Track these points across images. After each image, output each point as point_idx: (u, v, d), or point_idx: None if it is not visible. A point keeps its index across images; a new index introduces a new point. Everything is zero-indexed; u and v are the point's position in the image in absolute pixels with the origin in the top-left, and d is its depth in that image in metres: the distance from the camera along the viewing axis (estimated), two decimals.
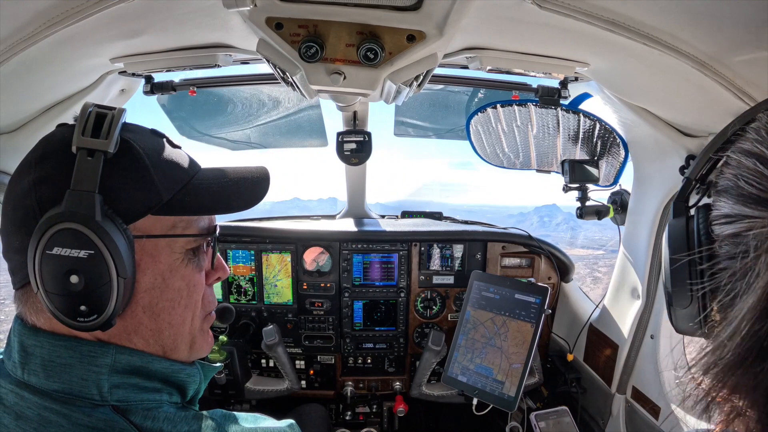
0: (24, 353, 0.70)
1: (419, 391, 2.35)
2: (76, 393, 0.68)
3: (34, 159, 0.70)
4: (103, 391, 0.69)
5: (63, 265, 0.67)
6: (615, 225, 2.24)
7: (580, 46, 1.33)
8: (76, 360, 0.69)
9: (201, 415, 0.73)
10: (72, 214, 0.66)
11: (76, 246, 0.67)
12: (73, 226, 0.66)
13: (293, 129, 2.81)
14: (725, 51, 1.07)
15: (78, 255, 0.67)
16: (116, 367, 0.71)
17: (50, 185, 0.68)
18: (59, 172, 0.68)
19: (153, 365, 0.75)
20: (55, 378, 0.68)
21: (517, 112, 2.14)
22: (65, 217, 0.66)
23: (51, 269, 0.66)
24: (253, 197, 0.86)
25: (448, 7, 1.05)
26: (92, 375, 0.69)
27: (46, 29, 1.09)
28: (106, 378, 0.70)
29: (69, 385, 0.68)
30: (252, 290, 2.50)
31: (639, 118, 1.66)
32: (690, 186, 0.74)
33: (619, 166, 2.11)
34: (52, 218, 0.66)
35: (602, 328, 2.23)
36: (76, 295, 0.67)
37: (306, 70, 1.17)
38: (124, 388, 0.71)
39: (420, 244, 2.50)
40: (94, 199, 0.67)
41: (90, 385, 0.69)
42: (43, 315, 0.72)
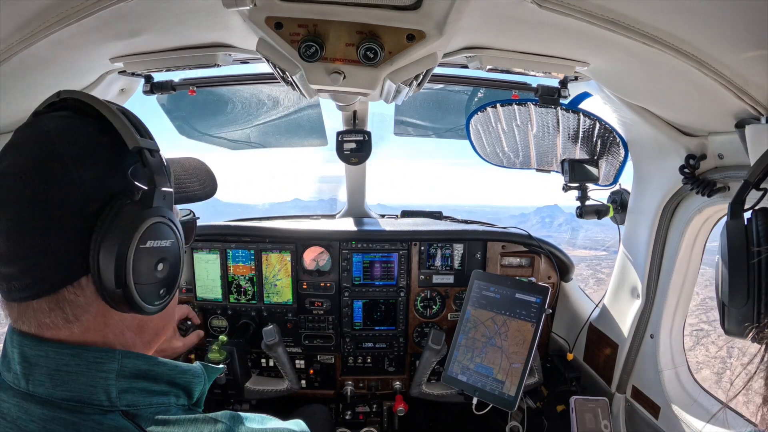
0: (27, 364, 0.68)
1: (419, 390, 2.35)
2: (85, 400, 0.68)
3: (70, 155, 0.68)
4: (111, 397, 0.69)
5: (155, 256, 0.73)
6: (615, 225, 2.24)
7: (579, 46, 1.33)
8: (83, 367, 0.69)
9: (209, 419, 0.74)
10: (161, 209, 0.73)
11: (165, 237, 0.75)
12: (162, 220, 0.73)
13: (293, 128, 2.81)
14: (725, 50, 1.07)
15: (166, 245, 0.75)
16: (123, 372, 0.71)
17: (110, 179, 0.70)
18: (114, 165, 0.72)
19: (158, 368, 0.75)
20: (62, 387, 0.67)
21: (517, 111, 2.14)
22: (156, 213, 0.72)
23: (145, 262, 0.71)
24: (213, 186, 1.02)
25: (448, 6, 1.05)
26: (100, 381, 0.69)
27: (46, 29, 1.09)
28: (114, 383, 0.69)
29: (77, 392, 0.68)
30: (252, 290, 2.50)
31: (639, 118, 1.66)
32: (747, 189, 0.76)
33: (618, 165, 2.11)
34: (140, 213, 0.70)
35: (602, 327, 2.23)
36: (160, 281, 0.75)
37: (306, 69, 1.17)
38: (132, 392, 0.71)
39: (420, 243, 2.50)
40: (171, 196, 0.76)
41: (98, 392, 0.68)
42: (58, 324, 0.70)
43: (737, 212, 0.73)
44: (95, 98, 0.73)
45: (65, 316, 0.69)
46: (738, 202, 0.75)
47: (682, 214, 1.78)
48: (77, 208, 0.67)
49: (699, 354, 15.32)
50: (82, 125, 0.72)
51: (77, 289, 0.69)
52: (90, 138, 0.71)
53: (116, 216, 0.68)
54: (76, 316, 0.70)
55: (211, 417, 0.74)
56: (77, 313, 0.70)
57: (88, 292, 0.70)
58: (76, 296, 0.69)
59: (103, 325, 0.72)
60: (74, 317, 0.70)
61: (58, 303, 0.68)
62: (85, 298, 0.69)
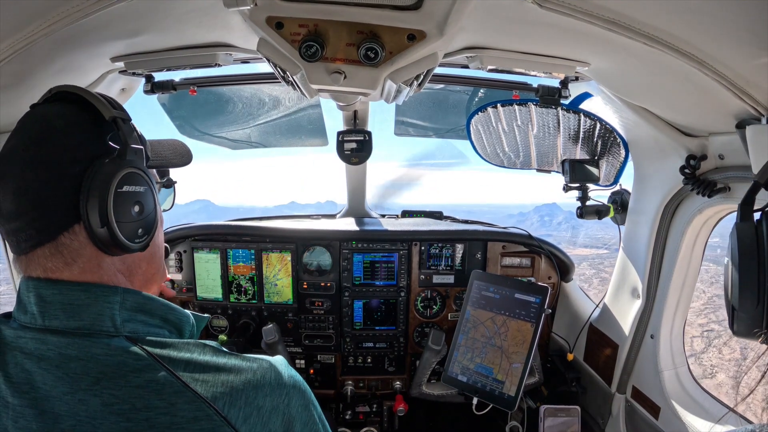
0: (42, 303, 0.80)
1: (419, 390, 2.35)
2: (94, 328, 0.80)
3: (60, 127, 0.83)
4: (117, 324, 0.81)
5: (131, 198, 0.87)
6: (615, 223, 2.24)
7: (580, 46, 1.33)
8: (92, 300, 0.81)
9: (200, 343, 0.86)
10: (132, 162, 0.87)
11: (138, 183, 0.88)
12: (134, 171, 0.87)
13: (293, 128, 2.81)
14: (726, 51, 1.06)
15: (139, 190, 0.89)
16: (125, 305, 0.83)
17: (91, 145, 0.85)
18: (95, 135, 0.87)
19: (152, 303, 0.88)
20: (75, 317, 0.79)
21: (518, 111, 2.14)
22: (129, 164, 0.86)
23: (122, 203, 0.84)
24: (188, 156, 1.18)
25: (449, 6, 1.05)
26: (107, 310, 0.81)
27: (46, 29, 1.09)
28: (118, 313, 0.82)
29: (88, 321, 0.80)
30: (252, 289, 2.50)
31: (639, 118, 1.66)
32: (757, 190, 0.75)
33: (619, 165, 2.11)
34: (117, 166, 0.84)
35: (602, 327, 2.23)
36: (137, 222, 0.88)
37: (306, 69, 1.17)
38: (133, 322, 0.84)
39: (420, 243, 2.50)
40: (142, 153, 0.92)
41: (105, 319, 0.80)
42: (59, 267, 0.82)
43: (747, 214, 0.72)
44: (78, 87, 0.89)
45: (64, 259, 0.82)
46: (747, 204, 0.74)
47: (683, 214, 1.78)
48: (67, 167, 0.81)
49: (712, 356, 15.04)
50: (69, 107, 0.87)
51: (72, 235, 0.82)
52: (76, 115, 0.86)
53: (98, 171, 0.82)
54: (73, 259, 0.82)
55: (201, 342, 0.86)
56: (74, 255, 0.82)
57: (81, 237, 0.82)
58: (71, 241, 0.82)
59: (97, 267, 0.85)
60: (72, 259, 0.82)
61: (57, 248, 0.81)
62: (78, 242, 0.82)
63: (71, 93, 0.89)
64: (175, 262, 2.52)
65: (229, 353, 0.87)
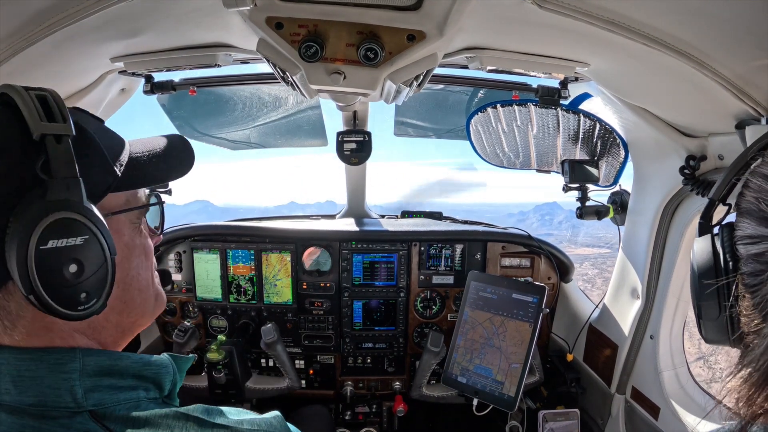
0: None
1: (419, 392, 2.35)
2: (51, 404, 0.65)
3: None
4: (77, 398, 0.66)
5: (60, 256, 0.64)
6: (615, 224, 2.24)
7: (580, 46, 1.33)
8: (45, 370, 0.66)
9: (181, 414, 0.70)
10: (61, 203, 0.63)
11: (71, 234, 0.65)
12: (66, 215, 0.64)
13: (293, 129, 2.81)
14: (725, 51, 1.07)
15: (75, 243, 0.65)
16: (86, 371, 0.68)
17: (13, 179, 0.64)
18: (19, 163, 0.64)
19: (122, 362, 0.72)
20: (27, 392, 0.65)
21: (517, 112, 2.14)
22: (55, 207, 0.63)
23: (48, 264, 0.63)
24: (186, 165, 0.91)
25: (448, 7, 1.05)
26: (64, 383, 0.66)
27: (46, 29, 1.09)
28: (78, 383, 0.67)
29: (43, 396, 0.65)
30: (252, 290, 2.50)
31: (639, 119, 1.66)
32: (714, 206, 0.81)
33: (619, 166, 2.11)
34: (37, 211, 0.62)
35: (602, 328, 2.23)
36: (77, 285, 0.66)
37: (306, 69, 1.17)
38: (99, 390, 0.68)
39: (420, 243, 2.50)
40: (79, 185, 0.66)
41: (63, 394, 0.66)
42: (3, 330, 0.67)
43: (704, 228, 0.78)
44: (11, 86, 0.67)
45: (2, 323, 0.67)
46: (705, 219, 0.80)
47: (682, 215, 1.78)
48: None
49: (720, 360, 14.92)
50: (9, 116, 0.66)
51: (6, 295, 0.66)
52: (4, 131, 0.65)
53: (19, 216, 0.62)
54: (12, 323, 0.67)
55: (182, 412, 0.70)
56: (12, 319, 0.67)
57: (18, 297, 0.65)
58: (6, 302, 0.66)
59: (44, 330, 0.69)
60: (11, 324, 0.67)
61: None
62: (16, 303, 0.66)
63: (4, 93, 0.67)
64: (175, 262, 2.52)
65: (216, 425, 0.71)
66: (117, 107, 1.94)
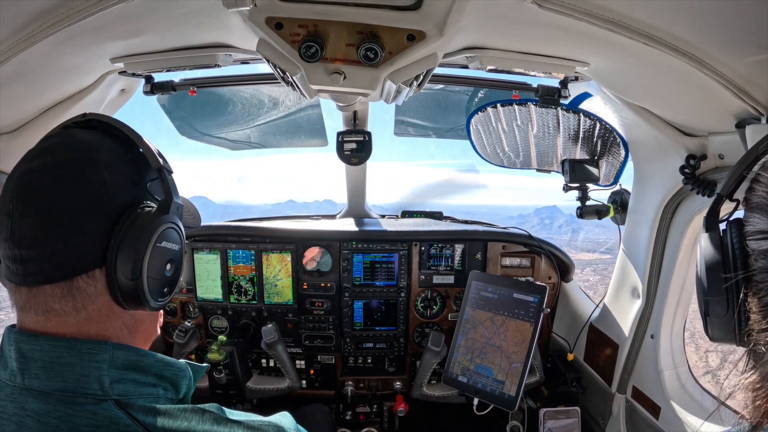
0: (23, 359, 0.72)
1: (420, 392, 2.35)
2: (79, 390, 0.70)
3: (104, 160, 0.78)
4: (104, 386, 0.72)
5: (166, 255, 0.83)
6: (616, 226, 2.24)
7: (580, 46, 1.33)
8: (77, 358, 0.72)
9: (198, 409, 0.77)
10: (174, 218, 0.84)
11: (175, 241, 0.85)
12: (174, 226, 0.84)
13: (293, 129, 2.81)
14: (725, 51, 1.07)
15: (175, 248, 0.85)
16: (114, 363, 0.75)
17: (133, 189, 0.81)
18: (138, 179, 0.83)
19: (146, 359, 0.79)
20: (57, 378, 0.70)
21: (518, 111, 2.14)
22: (170, 219, 0.82)
23: (157, 258, 0.80)
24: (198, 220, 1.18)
25: (448, 6, 1.05)
26: (93, 371, 0.72)
27: (46, 29, 1.09)
28: (106, 373, 0.73)
29: (71, 383, 0.71)
30: (252, 290, 2.50)
31: (639, 118, 1.65)
32: (721, 201, 0.78)
33: (619, 165, 2.11)
34: (161, 218, 0.80)
35: (602, 327, 2.23)
36: (165, 280, 0.84)
37: (306, 69, 1.17)
38: (123, 383, 0.74)
39: (420, 243, 2.50)
40: (181, 209, 0.88)
41: (92, 381, 0.71)
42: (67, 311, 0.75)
43: (712, 224, 0.76)
44: (120, 122, 0.84)
45: (75, 303, 0.74)
46: (712, 215, 0.78)
47: (683, 214, 1.78)
48: (104, 205, 0.75)
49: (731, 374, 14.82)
50: (112, 140, 0.82)
51: (90, 280, 0.75)
52: (119, 152, 0.81)
53: (137, 218, 0.77)
54: (84, 305, 0.75)
55: (199, 407, 0.77)
56: (86, 302, 0.75)
57: (99, 285, 0.76)
58: (87, 285, 0.75)
59: (105, 318, 0.78)
60: (82, 306, 0.75)
61: (70, 290, 0.74)
62: (95, 288, 0.75)
63: (108, 125, 0.84)
64: None
65: (231, 420, 0.78)
66: (117, 108, 1.94)
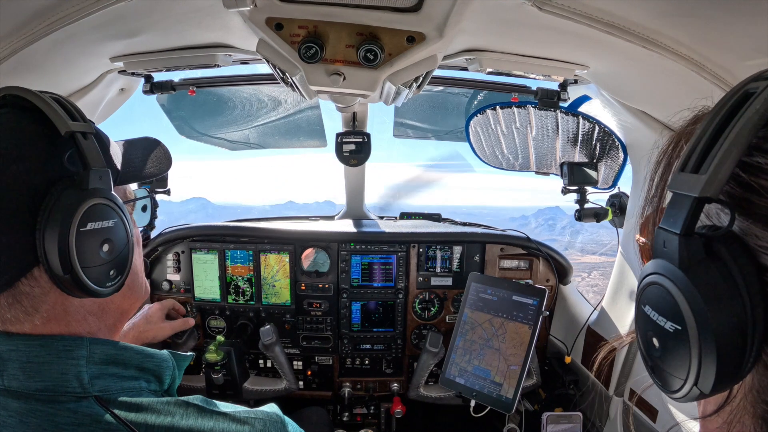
0: (0, 360, 0.70)
1: (417, 393, 2.35)
2: (58, 389, 0.69)
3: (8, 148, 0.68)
4: (83, 383, 0.70)
5: (97, 237, 0.73)
6: (613, 227, 2.24)
7: (579, 49, 1.34)
8: (53, 357, 0.70)
9: (182, 402, 0.75)
10: (96, 191, 0.73)
11: (106, 217, 0.75)
12: (101, 201, 0.74)
13: (292, 130, 2.81)
14: (725, 54, 1.07)
15: (108, 225, 0.75)
16: (93, 358, 0.73)
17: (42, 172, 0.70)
18: (51, 154, 0.72)
19: (126, 353, 0.77)
20: (35, 378, 0.69)
21: (517, 114, 2.14)
22: (92, 194, 0.72)
23: (87, 244, 0.71)
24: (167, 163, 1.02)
25: (448, 8, 1.05)
26: (71, 368, 0.70)
27: (45, 28, 1.09)
28: (84, 369, 0.71)
29: (50, 382, 0.69)
30: (250, 291, 2.50)
31: (638, 121, 1.66)
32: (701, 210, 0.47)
33: (618, 168, 2.11)
34: (77, 198, 0.70)
35: (600, 330, 2.23)
36: (108, 263, 0.75)
37: (306, 70, 1.17)
38: (103, 378, 0.73)
39: (418, 245, 2.50)
40: (108, 175, 0.76)
41: (70, 379, 0.70)
42: (19, 318, 0.71)
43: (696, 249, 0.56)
44: (28, 90, 0.73)
45: (24, 308, 0.70)
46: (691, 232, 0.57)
47: None
48: (19, 200, 0.67)
49: None
50: (18, 119, 0.72)
51: (31, 281, 0.70)
52: (25, 131, 0.71)
53: (55, 203, 0.68)
54: (34, 308, 0.71)
55: (183, 400, 0.75)
56: (35, 304, 0.71)
57: (43, 282, 0.71)
58: (31, 287, 0.70)
59: (63, 313, 0.74)
60: (33, 309, 0.71)
61: (15, 297, 0.70)
62: (40, 288, 0.71)
63: (20, 97, 0.73)
64: (173, 262, 2.51)
65: (216, 412, 0.76)
66: (116, 107, 1.94)
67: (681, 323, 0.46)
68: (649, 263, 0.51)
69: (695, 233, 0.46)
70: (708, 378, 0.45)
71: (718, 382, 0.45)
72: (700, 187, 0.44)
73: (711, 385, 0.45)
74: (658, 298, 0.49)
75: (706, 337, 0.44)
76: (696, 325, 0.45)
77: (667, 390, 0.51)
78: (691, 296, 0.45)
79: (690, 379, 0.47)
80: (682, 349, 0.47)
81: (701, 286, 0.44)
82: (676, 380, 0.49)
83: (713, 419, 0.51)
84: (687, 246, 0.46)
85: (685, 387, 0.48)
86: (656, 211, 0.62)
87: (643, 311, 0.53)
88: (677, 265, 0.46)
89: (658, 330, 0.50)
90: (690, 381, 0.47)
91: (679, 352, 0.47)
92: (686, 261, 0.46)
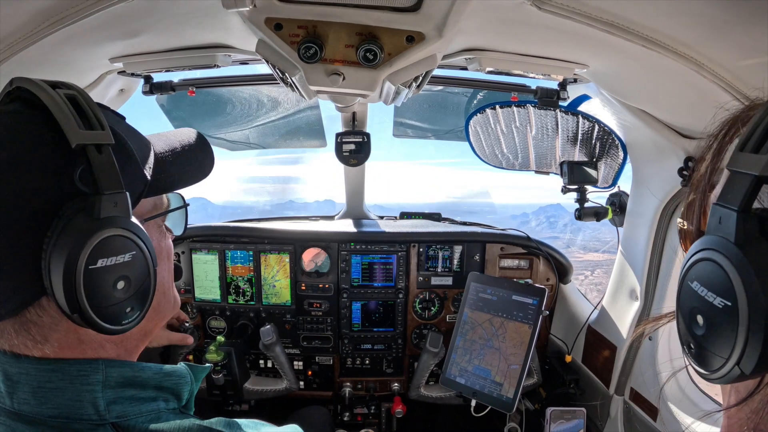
0: (9, 382, 0.64)
1: (418, 393, 2.35)
2: (72, 416, 0.63)
3: (8, 160, 0.57)
4: (100, 410, 0.65)
5: (109, 275, 0.62)
6: (614, 226, 2.24)
7: (579, 48, 1.34)
8: (67, 382, 0.64)
9: (204, 428, 0.69)
10: (110, 220, 0.61)
11: (121, 252, 0.63)
12: (116, 232, 0.62)
13: (292, 130, 2.81)
14: (724, 53, 1.07)
15: (124, 260, 0.64)
16: (109, 383, 0.67)
17: (48, 193, 0.59)
18: (55, 174, 0.60)
19: (144, 373, 0.71)
20: (48, 404, 0.63)
21: (516, 113, 2.14)
22: (105, 225, 0.60)
23: (97, 283, 0.61)
24: (209, 165, 0.88)
25: (448, 8, 1.05)
26: (86, 395, 0.64)
27: (45, 29, 1.09)
28: (101, 395, 0.65)
29: (64, 409, 0.63)
30: (250, 291, 2.50)
31: (638, 120, 1.66)
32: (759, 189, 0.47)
33: (617, 167, 2.11)
34: (86, 229, 0.59)
35: (600, 329, 2.23)
36: (123, 301, 0.65)
37: (305, 70, 1.17)
38: (120, 402, 0.67)
39: (419, 245, 2.50)
40: (126, 200, 0.63)
41: (86, 406, 0.64)
42: (28, 346, 0.65)
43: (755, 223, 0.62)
44: (39, 84, 0.61)
45: (32, 337, 0.64)
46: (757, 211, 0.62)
47: None
48: (23, 222, 0.58)
49: None
50: (26, 121, 0.60)
51: (39, 310, 0.63)
52: (32, 137, 0.59)
53: (63, 230, 0.58)
54: (44, 337, 0.64)
55: (205, 426, 0.69)
56: (45, 333, 0.64)
57: (52, 312, 0.63)
58: (39, 317, 0.63)
59: (77, 342, 0.67)
60: (42, 338, 0.64)
61: (23, 325, 0.63)
62: (49, 318, 0.64)
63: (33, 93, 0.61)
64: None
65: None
66: (116, 107, 1.94)
67: (732, 299, 0.46)
68: (699, 240, 0.52)
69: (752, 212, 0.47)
70: (752, 358, 0.46)
71: (761, 363, 0.46)
72: (761, 166, 0.45)
73: (753, 366, 0.46)
74: (710, 273, 0.50)
75: (757, 315, 0.45)
76: (747, 302, 0.45)
77: (706, 369, 0.52)
78: (745, 272, 0.45)
79: (733, 357, 0.47)
80: (730, 326, 0.47)
81: (756, 262, 0.45)
82: (717, 359, 0.49)
83: (741, 408, 0.52)
84: (744, 222, 0.47)
85: (726, 366, 0.48)
86: (704, 194, 0.63)
87: (690, 287, 0.53)
88: (733, 240, 0.47)
89: (706, 306, 0.50)
90: (732, 360, 0.47)
91: (726, 330, 0.47)
92: (742, 237, 0.47)
